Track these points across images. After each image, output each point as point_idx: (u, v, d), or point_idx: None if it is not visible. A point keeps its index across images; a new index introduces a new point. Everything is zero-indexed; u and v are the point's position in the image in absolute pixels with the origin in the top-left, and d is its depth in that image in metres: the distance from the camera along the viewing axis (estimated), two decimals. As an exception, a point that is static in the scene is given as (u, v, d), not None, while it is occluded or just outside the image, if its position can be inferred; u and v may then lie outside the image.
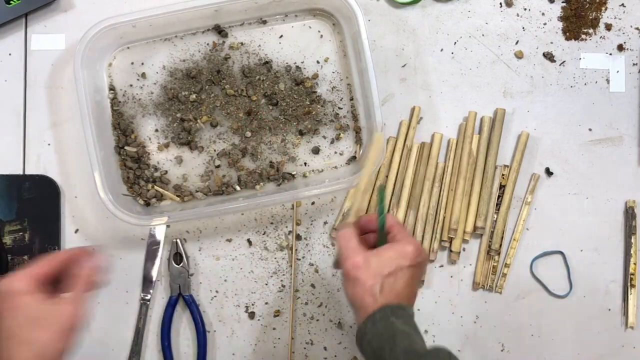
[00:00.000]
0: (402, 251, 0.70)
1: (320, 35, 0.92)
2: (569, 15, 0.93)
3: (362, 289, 0.68)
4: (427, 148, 0.91)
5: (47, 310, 0.64)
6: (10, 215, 0.89)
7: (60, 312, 0.64)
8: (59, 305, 0.65)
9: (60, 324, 0.64)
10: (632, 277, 0.91)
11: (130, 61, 0.90)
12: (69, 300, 0.66)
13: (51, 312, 0.64)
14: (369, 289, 0.68)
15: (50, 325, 0.63)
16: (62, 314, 0.64)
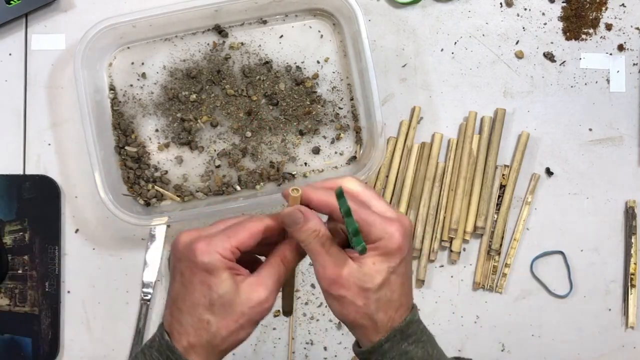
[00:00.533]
0: (386, 249, 0.56)
1: (320, 35, 0.92)
2: (569, 15, 0.93)
3: (354, 310, 0.56)
4: (427, 148, 0.91)
5: (239, 298, 0.56)
6: (10, 215, 0.89)
7: (249, 299, 0.56)
8: (250, 291, 0.56)
9: (247, 314, 0.56)
10: (632, 277, 0.91)
11: (131, 61, 0.90)
12: (262, 283, 0.57)
13: (240, 298, 0.56)
14: (362, 309, 0.56)
15: (239, 315, 0.56)
16: (251, 302, 0.56)
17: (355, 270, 0.56)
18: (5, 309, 0.88)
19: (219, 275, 0.55)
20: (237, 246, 0.56)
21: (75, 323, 0.89)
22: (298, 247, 0.58)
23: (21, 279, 0.88)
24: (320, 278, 0.57)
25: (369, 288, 0.56)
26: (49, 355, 0.88)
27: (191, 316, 0.57)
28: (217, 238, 0.56)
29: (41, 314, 0.88)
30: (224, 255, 0.56)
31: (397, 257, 0.56)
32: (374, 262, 0.56)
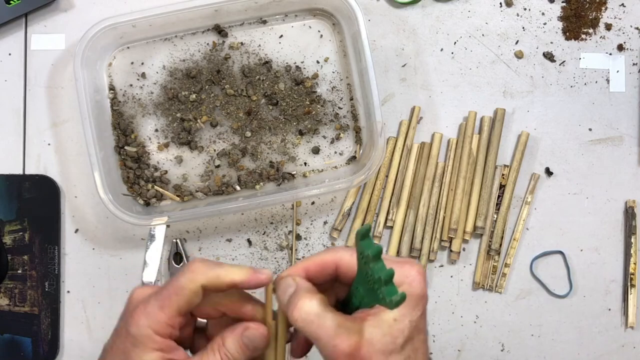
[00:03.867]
0: (411, 295, 0.47)
1: (320, 35, 0.92)
2: (569, 15, 0.93)
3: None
4: (427, 148, 0.91)
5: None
6: (10, 215, 0.89)
7: None
8: None
9: None
10: (632, 277, 0.91)
11: (130, 61, 0.90)
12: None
13: None
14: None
15: None
16: None
17: (375, 334, 0.46)
18: (5, 309, 0.88)
19: (143, 355, 0.47)
20: (173, 315, 0.48)
21: (75, 323, 0.89)
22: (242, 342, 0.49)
23: (21, 279, 0.88)
24: (332, 356, 0.46)
25: (392, 350, 0.46)
26: (49, 355, 0.88)
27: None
28: (153, 307, 0.48)
29: (41, 314, 0.88)
30: (157, 331, 0.47)
31: (420, 307, 0.47)
32: (395, 318, 0.46)
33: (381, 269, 0.43)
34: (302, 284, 0.48)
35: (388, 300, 0.43)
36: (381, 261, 0.44)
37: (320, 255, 0.50)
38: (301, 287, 0.48)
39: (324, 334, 0.46)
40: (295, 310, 0.46)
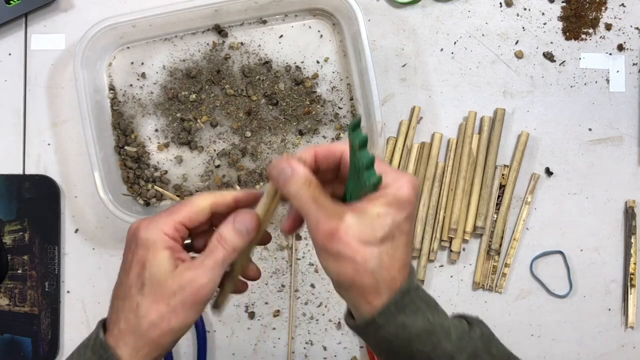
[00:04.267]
0: (394, 200, 0.50)
1: (320, 35, 0.92)
2: (569, 15, 0.93)
3: (352, 268, 0.49)
4: (427, 148, 0.91)
5: (174, 278, 0.52)
6: (10, 215, 0.89)
7: (182, 280, 0.52)
8: (187, 272, 0.52)
9: (180, 296, 0.51)
10: (632, 277, 0.91)
11: (130, 61, 0.90)
12: (200, 267, 0.52)
13: (177, 280, 0.52)
14: (362, 265, 0.49)
15: (169, 296, 0.51)
16: (183, 283, 0.51)
17: (355, 222, 0.49)
18: (5, 308, 0.88)
19: (156, 253, 0.52)
20: (181, 222, 0.53)
21: (75, 323, 0.89)
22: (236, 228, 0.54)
23: (21, 279, 0.88)
24: (314, 233, 0.50)
25: (370, 241, 0.49)
26: (49, 355, 0.88)
27: (123, 300, 0.53)
28: (160, 216, 0.54)
29: (41, 314, 0.88)
30: (166, 232, 0.53)
31: (404, 211, 0.50)
32: (378, 213, 0.49)
33: (365, 155, 0.48)
34: (298, 167, 0.52)
35: (367, 183, 0.48)
36: (366, 149, 0.48)
37: (330, 144, 0.56)
38: (297, 169, 0.52)
39: (312, 212, 0.50)
40: (292, 186, 0.51)
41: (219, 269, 0.53)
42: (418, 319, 0.51)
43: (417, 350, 0.51)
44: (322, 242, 0.50)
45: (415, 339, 0.51)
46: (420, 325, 0.51)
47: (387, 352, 0.52)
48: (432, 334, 0.51)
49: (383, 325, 0.51)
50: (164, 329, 0.52)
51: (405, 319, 0.51)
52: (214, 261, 0.53)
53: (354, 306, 0.52)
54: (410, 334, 0.51)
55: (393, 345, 0.51)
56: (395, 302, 0.51)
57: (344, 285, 0.51)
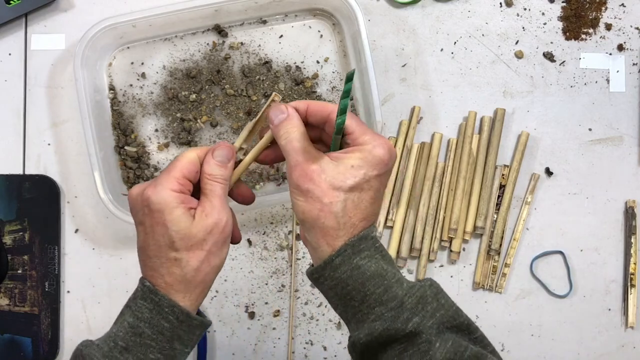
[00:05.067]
0: (369, 157, 0.55)
1: (320, 35, 0.92)
2: (569, 15, 0.93)
3: (318, 207, 0.55)
4: (427, 148, 0.91)
5: (196, 227, 0.57)
6: (10, 215, 0.89)
7: (205, 227, 0.58)
8: (207, 219, 0.58)
9: (209, 239, 0.58)
10: (632, 277, 0.91)
11: (130, 61, 0.90)
12: (213, 210, 0.58)
13: (201, 229, 0.58)
14: (327, 207, 0.54)
15: (202, 243, 0.58)
16: (208, 228, 0.58)
17: (330, 168, 0.55)
18: (5, 309, 0.88)
19: (172, 213, 0.57)
20: (182, 175, 0.59)
21: (75, 323, 0.89)
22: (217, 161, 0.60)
23: (21, 279, 0.88)
24: (292, 171, 0.56)
25: (339, 187, 0.55)
26: (49, 355, 0.88)
27: (159, 258, 0.58)
28: (161, 178, 0.59)
29: (41, 314, 0.88)
30: (173, 189, 0.58)
31: (376, 168, 0.56)
32: (352, 164, 0.55)
33: (344, 104, 0.53)
34: (293, 112, 0.59)
35: (336, 124, 0.54)
36: (348, 98, 0.53)
37: (323, 102, 0.62)
38: (293, 114, 0.58)
39: (294, 152, 0.56)
40: (283, 127, 0.58)
41: (225, 201, 0.60)
42: (372, 263, 0.55)
43: (370, 291, 0.55)
44: (296, 180, 0.56)
45: (368, 281, 0.55)
46: (373, 269, 0.55)
47: (341, 295, 0.56)
48: (384, 278, 0.55)
49: (339, 265, 0.55)
50: (206, 270, 0.59)
51: (360, 261, 0.55)
52: (218, 198, 0.59)
53: (315, 248, 0.57)
54: (364, 276, 0.55)
55: (347, 287, 0.55)
56: (352, 245, 0.55)
57: (308, 224, 0.56)
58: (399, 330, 0.54)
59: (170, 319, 0.57)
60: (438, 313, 0.55)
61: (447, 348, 0.53)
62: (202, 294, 0.60)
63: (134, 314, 0.58)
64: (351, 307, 0.56)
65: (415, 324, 0.54)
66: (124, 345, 0.57)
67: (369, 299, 0.55)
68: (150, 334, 0.57)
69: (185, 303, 0.58)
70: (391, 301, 0.55)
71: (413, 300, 0.55)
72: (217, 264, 0.60)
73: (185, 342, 0.59)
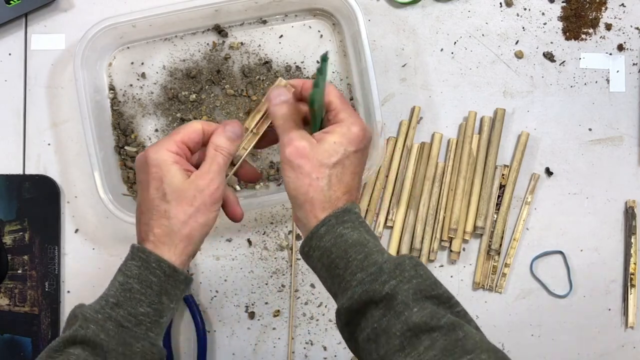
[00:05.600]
0: (347, 134, 0.62)
1: (320, 35, 0.92)
2: (569, 15, 0.93)
3: (307, 183, 0.61)
4: (427, 148, 0.91)
5: (188, 184, 0.62)
6: (10, 215, 0.89)
7: (198, 185, 0.62)
8: (200, 180, 0.62)
9: (199, 197, 0.62)
10: (632, 277, 0.91)
11: (130, 61, 0.90)
12: (208, 173, 0.63)
13: (193, 186, 0.62)
14: (316, 182, 0.61)
15: (191, 199, 0.62)
16: (200, 187, 0.62)
17: (317, 146, 0.61)
18: (5, 309, 0.88)
19: (168, 169, 0.62)
20: (182, 140, 0.64)
21: (75, 323, 0.89)
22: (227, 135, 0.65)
23: (21, 279, 0.88)
24: (285, 148, 0.62)
25: (325, 163, 0.61)
26: (49, 355, 0.88)
27: (151, 211, 0.63)
28: (163, 140, 0.64)
29: (41, 314, 0.88)
30: (170, 149, 0.63)
31: (354, 144, 0.62)
32: (334, 141, 0.61)
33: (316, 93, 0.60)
34: (291, 96, 0.65)
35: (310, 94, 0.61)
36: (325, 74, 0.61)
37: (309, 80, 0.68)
38: (290, 97, 0.65)
39: (288, 131, 0.62)
40: (281, 108, 0.64)
41: (223, 172, 0.64)
42: (355, 233, 0.60)
43: (352, 258, 0.59)
44: (289, 157, 0.61)
45: (350, 248, 0.59)
46: (355, 237, 0.60)
47: (327, 265, 0.60)
48: (365, 246, 0.60)
49: (323, 235, 0.60)
50: (193, 225, 0.62)
51: (344, 230, 0.60)
52: (218, 166, 0.63)
53: (305, 224, 0.62)
54: (346, 243, 0.59)
55: (332, 255, 0.60)
56: (335, 216, 0.61)
57: (299, 200, 0.62)
58: (376, 292, 0.57)
59: (158, 273, 0.61)
60: (415, 280, 0.57)
61: (424, 313, 0.55)
62: (186, 249, 0.62)
63: (124, 273, 0.62)
64: (336, 277, 0.60)
65: (392, 286, 0.57)
66: (115, 302, 0.61)
67: (351, 265, 0.59)
68: (140, 289, 0.61)
69: (171, 257, 0.62)
70: (371, 267, 0.58)
71: (390, 266, 0.58)
72: (203, 221, 0.62)
73: (171, 297, 0.62)
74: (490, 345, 0.56)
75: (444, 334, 0.54)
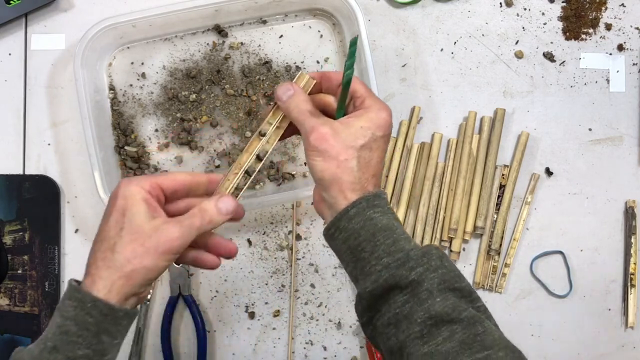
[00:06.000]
0: (375, 119, 0.61)
1: (320, 35, 0.92)
2: (569, 15, 0.93)
3: (335, 164, 0.59)
4: (427, 148, 0.91)
5: (150, 225, 0.58)
6: (10, 215, 0.89)
7: (158, 229, 0.58)
8: (164, 224, 0.58)
9: (154, 240, 0.57)
10: (632, 277, 0.91)
11: (130, 61, 0.90)
12: (177, 223, 0.58)
13: (153, 227, 0.58)
14: (344, 163, 0.59)
15: (145, 239, 0.57)
16: (159, 232, 0.57)
17: (342, 129, 0.60)
18: (5, 309, 0.88)
19: (134, 202, 0.58)
20: (158, 182, 0.60)
21: (75, 323, 0.89)
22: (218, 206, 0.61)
23: (21, 279, 0.88)
24: (308, 136, 0.60)
25: (352, 146, 0.59)
26: (49, 355, 0.88)
27: (101, 243, 0.58)
28: (139, 177, 0.60)
29: (41, 314, 0.88)
30: (143, 186, 0.59)
31: (381, 129, 0.61)
32: (362, 126, 0.60)
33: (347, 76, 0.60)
34: (298, 87, 0.63)
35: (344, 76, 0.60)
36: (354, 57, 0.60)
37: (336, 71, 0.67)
38: (298, 89, 0.63)
39: (308, 120, 0.61)
40: (292, 101, 0.62)
41: (193, 232, 0.59)
42: (384, 218, 0.59)
43: (379, 242, 0.58)
44: (314, 143, 0.59)
45: (379, 232, 0.58)
46: (385, 222, 0.59)
47: (353, 247, 0.59)
48: (394, 232, 0.59)
49: (353, 216, 0.59)
50: (137, 265, 0.57)
51: (374, 214, 0.59)
52: (190, 224, 0.59)
53: (332, 204, 0.60)
54: (375, 227, 0.58)
55: (359, 237, 0.59)
56: (367, 199, 0.59)
57: (327, 182, 0.60)
58: (402, 277, 0.56)
59: (94, 313, 0.57)
60: (440, 270, 0.57)
61: (447, 304, 0.55)
62: (124, 288, 0.57)
63: (61, 314, 0.58)
64: (361, 260, 0.59)
65: (419, 274, 0.56)
66: (53, 345, 0.57)
67: (378, 249, 0.58)
68: (76, 331, 0.57)
69: (109, 294, 0.57)
70: (398, 252, 0.58)
71: (418, 253, 0.57)
72: (149, 265, 0.57)
73: (113, 334, 0.58)
74: (508, 343, 0.55)
75: (463, 327, 0.54)
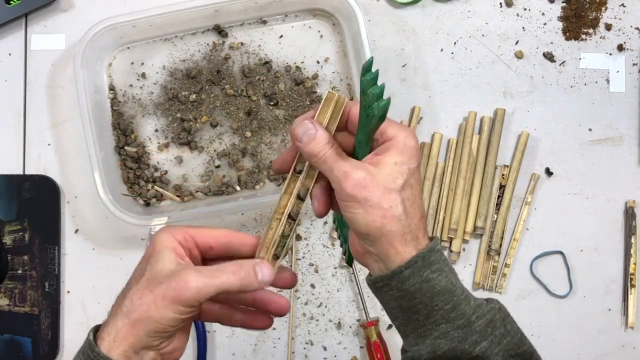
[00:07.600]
0: (405, 150, 0.53)
1: (320, 35, 0.92)
2: (569, 15, 0.93)
3: (380, 215, 0.52)
4: (427, 148, 0.91)
5: (168, 271, 0.52)
6: (10, 215, 0.89)
7: (176, 277, 0.51)
8: (183, 271, 0.52)
9: (166, 291, 0.51)
10: (632, 277, 0.91)
11: (130, 61, 0.90)
12: (198, 272, 0.52)
13: (169, 274, 0.52)
14: (389, 211, 0.52)
15: (155, 285, 0.52)
16: (175, 280, 0.51)
17: (377, 172, 0.52)
18: (5, 309, 0.88)
19: (161, 250, 0.54)
20: (192, 234, 0.56)
21: (75, 323, 0.89)
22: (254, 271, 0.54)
23: (21, 279, 0.88)
24: (343, 184, 0.52)
25: (392, 188, 0.52)
26: (49, 355, 0.88)
27: (124, 290, 0.55)
28: (175, 226, 0.57)
29: (41, 314, 0.88)
30: (175, 236, 0.55)
31: (414, 159, 0.54)
32: (395, 161, 0.53)
33: (376, 87, 0.53)
34: (320, 127, 0.54)
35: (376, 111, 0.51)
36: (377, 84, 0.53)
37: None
38: (320, 129, 0.54)
39: (338, 165, 0.53)
40: (316, 144, 0.53)
41: (214, 285, 0.52)
42: (442, 277, 0.53)
43: (438, 307, 0.53)
44: (351, 192, 0.52)
45: (437, 296, 0.53)
46: (443, 284, 0.53)
47: (405, 308, 0.54)
48: (454, 294, 0.53)
49: (408, 277, 0.53)
50: (141, 313, 0.52)
51: (431, 274, 0.53)
52: (212, 275, 0.52)
53: (383, 259, 0.54)
54: (433, 290, 0.53)
55: (415, 299, 0.53)
56: (422, 257, 0.53)
57: (373, 236, 0.53)
58: (465, 352, 0.53)
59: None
60: (505, 340, 0.54)
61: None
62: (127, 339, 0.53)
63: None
64: (414, 321, 0.54)
65: (484, 349, 0.53)
66: None
67: (436, 314, 0.53)
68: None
69: (113, 344, 0.54)
70: (458, 319, 0.53)
71: (482, 323, 0.54)
72: (153, 316, 0.52)
73: None
74: None
75: None
